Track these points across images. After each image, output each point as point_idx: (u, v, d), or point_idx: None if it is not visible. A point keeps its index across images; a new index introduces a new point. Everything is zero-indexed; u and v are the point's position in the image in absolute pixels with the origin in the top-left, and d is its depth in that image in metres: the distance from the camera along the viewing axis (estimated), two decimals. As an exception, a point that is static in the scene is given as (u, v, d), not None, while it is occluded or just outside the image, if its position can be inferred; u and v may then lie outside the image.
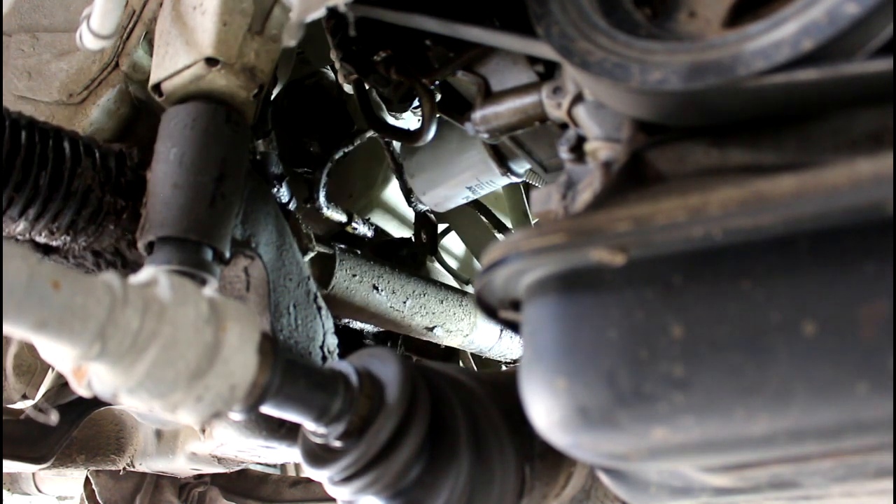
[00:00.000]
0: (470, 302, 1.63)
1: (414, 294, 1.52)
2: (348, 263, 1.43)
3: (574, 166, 0.76)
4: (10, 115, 0.91)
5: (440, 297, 1.57)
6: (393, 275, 1.50)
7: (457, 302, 1.60)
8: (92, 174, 0.95)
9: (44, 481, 1.86)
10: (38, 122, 0.94)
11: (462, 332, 1.62)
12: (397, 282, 1.50)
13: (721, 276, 0.50)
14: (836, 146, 0.55)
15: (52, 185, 0.91)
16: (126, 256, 1.04)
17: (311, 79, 1.60)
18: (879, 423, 0.46)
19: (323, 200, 1.50)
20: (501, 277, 0.57)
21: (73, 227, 0.95)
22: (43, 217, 0.92)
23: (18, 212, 0.90)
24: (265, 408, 0.64)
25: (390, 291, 1.48)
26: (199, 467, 1.42)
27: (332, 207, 1.54)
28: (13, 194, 0.89)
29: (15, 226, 0.92)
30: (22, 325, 0.50)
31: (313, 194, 1.49)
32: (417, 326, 1.54)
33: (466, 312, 1.61)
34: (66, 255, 1.03)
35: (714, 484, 0.60)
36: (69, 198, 0.93)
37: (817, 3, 0.53)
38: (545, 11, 0.68)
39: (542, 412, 0.55)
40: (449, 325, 1.58)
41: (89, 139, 0.99)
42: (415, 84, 1.00)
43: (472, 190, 1.45)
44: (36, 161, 0.90)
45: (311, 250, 1.34)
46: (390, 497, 0.70)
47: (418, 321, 1.53)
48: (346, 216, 1.59)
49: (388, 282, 1.48)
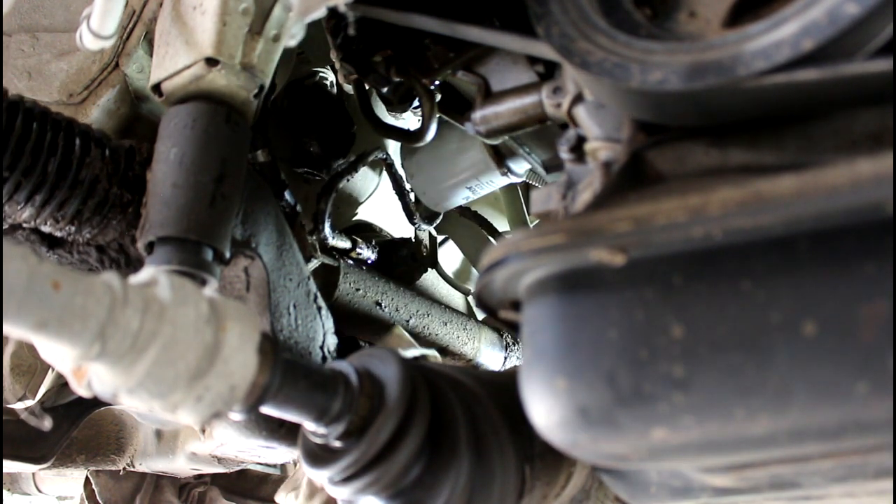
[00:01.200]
0: (475, 326, 1.62)
1: (418, 314, 1.51)
2: (352, 277, 1.41)
3: (574, 166, 0.76)
4: (24, 102, 0.92)
5: (444, 318, 1.56)
6: (397, 292, 1.49)
7: (461, 325, 1.59)
8: (101, 165, 0.96)
9: (44, 481, 1.86)
10: (51, 111, 0.95)
11: (465, 357, 1.61)
12: (401, 300, 1.49)
13: (721, 276, 0.50)
14: (837, 146, 0.55)
15: (60, 172, 0.92)
16: (129, 253, 1.04)
17: (311, 79, 1.60)
18: (879, 423, 0.46)
19: (328, 231, 1.46)
20: (502, 278, 0.57)
21: (79, 217, 0.96)
22: (49, 204, 0.93)
23: (25, 197, 0.91)
24: (265, 408, 0.64)
25: (393, 308, 1.47)
26: (199, 467, 1.43)
27: (337, 236, 1.51)
28: (21, 179, 0.90)
29: (21, 211, 0.93)
30: (22, 325, 0.50)
31: (318, 225, 1.46)
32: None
33: (471, 336, 1.60)
34: (70, 249, 1.03)
35: (714, 484, 0.60)
36: (76, 186, 0.94)
37: (817, 4, 0.53)
38: (545, 11, 0.68)
39: (542, 412, 0.55)
40: (452, 348, 1.58)
41: (101, 132, 1.00)
42: (415, 84, 1.00)
43: (471, 190, 1.45)
44: (46, 148, 0.92)
45: (314, 258, 1.34)
46: (390, 497, 0.70)
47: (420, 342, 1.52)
48: (350, 242, 1.55)
49: (391, 299, 1.47)
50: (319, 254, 1.36)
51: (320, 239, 1.46)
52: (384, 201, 1.76)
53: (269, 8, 0.93)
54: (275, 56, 0.96)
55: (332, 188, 1.46)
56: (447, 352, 1.57)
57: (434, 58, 0.98)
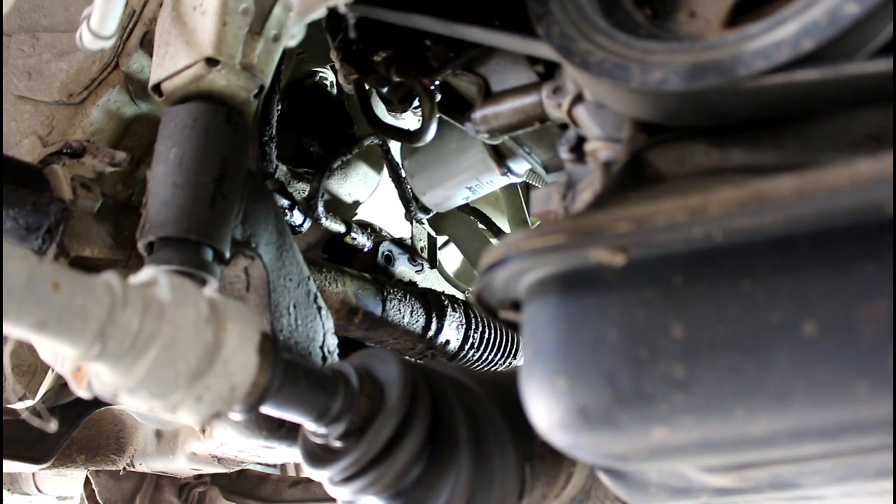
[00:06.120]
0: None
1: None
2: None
3: (574, 166, 0.76)
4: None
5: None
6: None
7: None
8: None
9: (44, 481, 1.86)
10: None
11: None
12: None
13: (721, 276, 0.50)
14: (836, 146, 0.55)
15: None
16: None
17: (311, 79, 1.60)
18: (879, 423, 0.46)
19: (321, 210, 1.49)
20: (502, 278, 0.57)
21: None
22: None
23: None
24: (265, 408, 0.64)
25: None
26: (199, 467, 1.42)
27: (331, 217, 1.53)
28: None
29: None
30: (22, 325, 0.50)
31: (311, 203, 1.48)
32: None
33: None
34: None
35: (714, 484, 0.60)
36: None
37: (817, 4, 0.53)
38: (545, 11, 0.68)
39: (543, 412, 0.55)
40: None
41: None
42: (415, 84, 1.00)
43: (471, 190, 1.45)
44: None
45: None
46: (391, 497, 0.70)
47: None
48: (344, 226, 1.57)
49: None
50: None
51: (314, 218, 1.46)
52: (384, 202, 1.76)
53: (269, 8, 0.93)
54: (275, 56, 0.96)
55: (327, 168, 1.47)
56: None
57: (434, 58, 0.98)
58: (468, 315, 1.60)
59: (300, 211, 1.45)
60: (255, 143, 1.27)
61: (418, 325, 1.53)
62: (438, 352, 1.56)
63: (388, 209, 1.78)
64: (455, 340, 1.57)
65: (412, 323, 1.51)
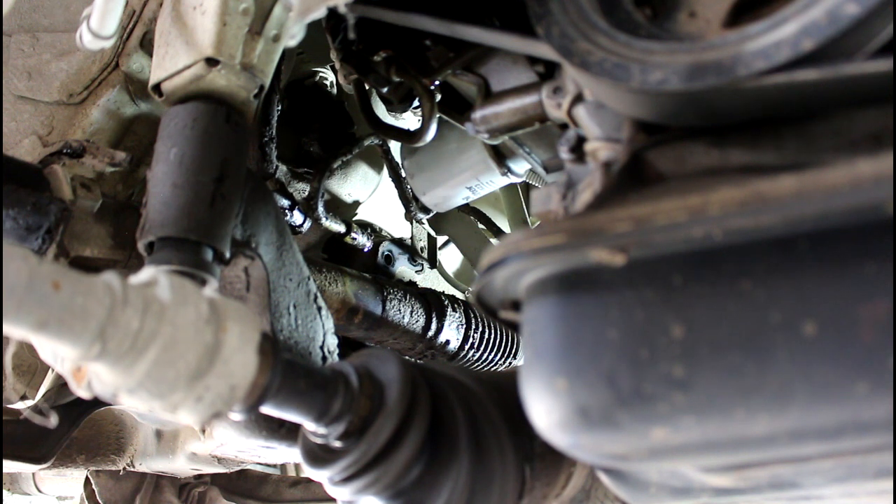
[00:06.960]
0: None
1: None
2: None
3: (574, 166, 0.76)
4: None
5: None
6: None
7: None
8: None
9: (44, 481, 1.86)
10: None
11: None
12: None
13: (721, 276, 0.50)
14: (836, 146, 0.55)
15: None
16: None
17: (311, 79, 1.60)
18: (879, 423, 0.46)
19: (321, 210, 1.49)
20: (502, 278, 0.57)
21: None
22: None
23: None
24: (265, 408, 0.64)
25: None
26: (199, 467, 1.42)
27: (331, 217, 1.53)
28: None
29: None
30: (22, 325, 0.50)
31: (311, 203, 1.48)
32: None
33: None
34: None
35: (714, 484, 0.60)
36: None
37: (817, 4, 0.53)
38: (545, 11, 0.68)
39: (543, 412, 0.55)
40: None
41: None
42: (415, 84, 1.00)
43: (471, 190, 1.45)
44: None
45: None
46: (390, 497, 0.70)
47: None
48: (344, 226, 1.57)
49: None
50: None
51: (314, 218, 1.46)
52: (384, 202, 1.76)
53: (269, 8, 0.93)
54: (275, 56, 0.96)
55: (327, 168, 1.47)
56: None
57: (434, 58, 0.98)
58: (468, 315, 1.60)
59: (300, 211, 1.45)
60: (255, 143, 1.27)
61: (418, 325, 1.53)
62: (438, 352, 1.56)
63: (388, 209, 1.78)
64: (455, 340, 1.57)
65: (412, 323, 1.51)
